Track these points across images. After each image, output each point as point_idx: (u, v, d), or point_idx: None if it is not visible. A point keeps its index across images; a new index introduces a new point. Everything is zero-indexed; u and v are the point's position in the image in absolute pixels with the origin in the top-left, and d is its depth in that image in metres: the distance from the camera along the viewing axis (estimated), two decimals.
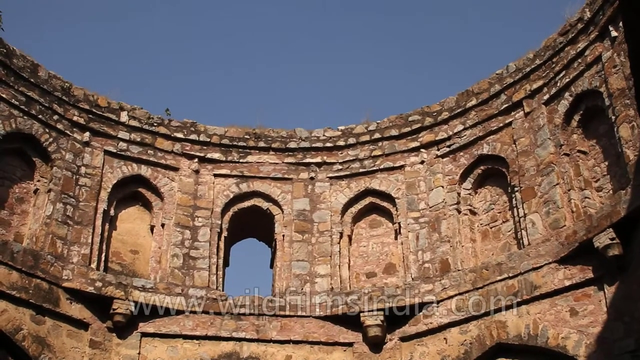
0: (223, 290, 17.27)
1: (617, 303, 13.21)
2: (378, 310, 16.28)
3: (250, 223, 18.67)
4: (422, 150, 17.69)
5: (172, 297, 16.46)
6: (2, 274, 14.49)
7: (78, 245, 16.12)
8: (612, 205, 13.30)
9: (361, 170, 18.11)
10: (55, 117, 16.69)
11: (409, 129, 17.95)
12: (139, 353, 15.99)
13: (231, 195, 18.11)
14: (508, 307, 14.85)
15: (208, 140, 18.37)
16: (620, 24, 13.42)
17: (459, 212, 16.78)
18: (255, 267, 37.79)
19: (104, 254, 16.70)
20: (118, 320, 15.89)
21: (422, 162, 17.61)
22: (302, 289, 17.05)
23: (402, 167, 17.81)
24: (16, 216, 15.96)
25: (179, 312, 16.43)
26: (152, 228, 17.60)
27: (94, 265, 16.19)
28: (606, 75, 14.14)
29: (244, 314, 16.62)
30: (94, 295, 15.77)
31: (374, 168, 18.03)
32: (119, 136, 17.59)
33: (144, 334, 16.19)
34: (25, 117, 16.12)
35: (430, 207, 17.07)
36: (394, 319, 16.27)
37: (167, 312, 16.39)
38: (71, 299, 15.55)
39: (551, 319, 14.19)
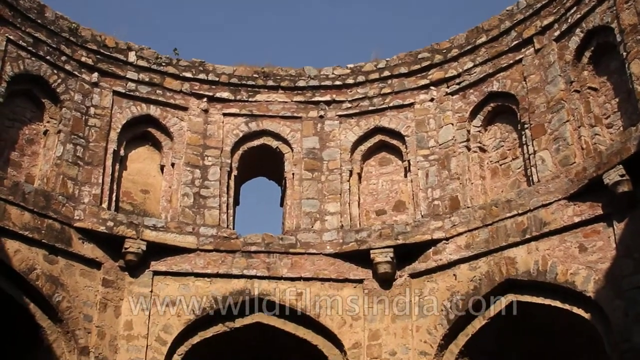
0: (234, 229, 17.38)
1: (626, 239, 13.24)
2: (388, 247, 16.35)
3: (260, 162, 18.69)
4: (431, 87, 17.59)
5: (183, 235, 16.58)
6: (14, 214, 14.60)
7: (89, 186, 16.20)
8: (623, 142, 13.25)
9: (370, 108, 18.03)
10: (63, 58, 16.64)
11: (418, 66, 17.83)
12: (151, 291, 16.17)
13: (240, 134, 18.11)
14: (517, 244, 14.87)
15: (217, 79, 18.30)
16: None
17: (469, 149, 16.73)
18: (266, 205, 37.86)
19: (114, 194, 16.80)
20: (130, 259, 16.04)
21: (431, 100, 17.53)
22: (312, 226, 17.14)
23: (411, 104, 17.74)
24: (27, 157, 16.01)
25: (190, 251, 16.56)
26: (162, 168, 17.65)
27: (105, 205, 16.30)
28: (618, 11, 13.98)
29: (254, 252, 16.74)
30: (105, 234, 15.90)
31: (384, 106, 17.96)
32: (127, 76, 17.54)
33: (156, 273, 16.36)
34: (33, 59, 16.08)
35: (439, 145, 17.04)
36: (404, 256, 16.35)
37: (179, 250, 16.52)
38: (83, 239, 15.68)
39: (560, 255, 14.22)
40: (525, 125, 15.73)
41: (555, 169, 14.76)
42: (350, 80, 18.33)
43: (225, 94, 18.27)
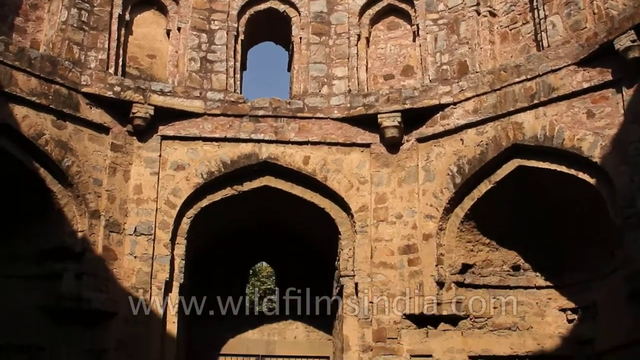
0: (241, 93, 17.30)
1: (635, 106, 13.19)
2: (395, 111, 16.25)
3: (267, 26, 18.42)
4: None
5: (190, 100, 16.52)
6: (21, 80, 14.54)
7: (95, 51, 16.07)
8: (635, 7, 13.01)
9: None
10: None
11: None
12: (159, 155, 16.25)
13: None
14: (525, 109, 14.81)
15: None
16: None
17: (479, 13, 16.42)
18: (273, 70, 37.49)
19: (121, 59, 16.62)
20: (138, 124, 16.05)
21: None
22: (319, 91, 17.04)
23: None
24: (31, 23, 15.88)
25: (198, 115, 16.52)
26: (168, 32, 17.42)
27: (111, 70, 16.19)
28: None
29: (262, 116, 16.68)
30: (113, 99, 15.85)
31: None
32: None
33: (164, 137, 16.39)
34: None
35: (449, 9, 16.71)
36: (411, 120, 16.28)
37: (186, 115, 16.49)
38: (91, 104, 15.66)
39: (568, 120, 14.20)
40: None
41: (565, 34, 14.57)
42: None
43: None
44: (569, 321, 15.29)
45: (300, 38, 17.64)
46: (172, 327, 15.70)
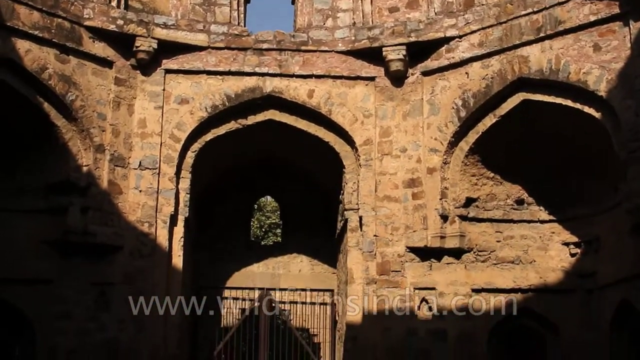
0: (245, 26, 17.15)
1: None
2: (400, 44, 16.08)
3: None
4: None
5: (194, 33, 16.36)
6: (23, 14, 14.41)
7: None
8: None
9: None
10: None
11: None
12: (163, 89, 16.18)
13: None
14: (531, 42, 14.66)
15: None
16: None
17: None
18: (277, 3, 37.09)
19: None
20: (141, 58, 15.93)
21: None
22: (324, 23, 16.89)
23: None
24: None
25: (202, 49, 16.38)
26: None
27: (114, 4, 15.99)
28: None
29: (266, 50, 16.53)
30: (116, 33, 15.70)
31: None
32: None
33: (168, 71, 16.28)
34: None
35: None
36: (416, 54, 16.13)
37: (190, 48, 16.35)
38: (94, 38, 15.54)
39: (574, 54, 14.07)
40: None
41: None
42: None
43: None
44: (572, 255, 15.41)
45: None
46: (177, 260, 15.84)
